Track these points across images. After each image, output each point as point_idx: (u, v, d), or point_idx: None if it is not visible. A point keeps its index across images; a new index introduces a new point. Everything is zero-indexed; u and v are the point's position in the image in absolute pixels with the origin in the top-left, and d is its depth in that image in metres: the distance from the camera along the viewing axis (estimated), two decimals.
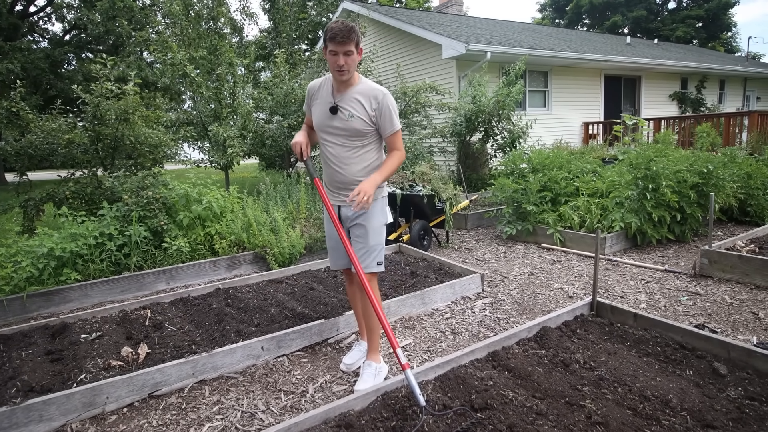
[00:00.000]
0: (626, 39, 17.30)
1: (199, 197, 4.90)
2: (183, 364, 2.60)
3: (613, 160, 7.46)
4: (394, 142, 2.45)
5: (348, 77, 2.34)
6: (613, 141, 10.40)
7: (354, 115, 2.37)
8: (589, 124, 12.70)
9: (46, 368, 2.69)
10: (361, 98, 2.38)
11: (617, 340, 2.84)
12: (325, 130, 2.46)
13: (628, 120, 8.43)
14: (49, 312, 3.85)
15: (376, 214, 2.50)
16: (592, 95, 12.97)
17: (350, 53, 2.27)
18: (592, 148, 9.95)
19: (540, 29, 16.78)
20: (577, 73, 12.45)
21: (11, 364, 2.74)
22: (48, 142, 5.00)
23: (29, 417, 2.22)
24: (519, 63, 8.65)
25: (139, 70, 11.97)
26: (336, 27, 2.24)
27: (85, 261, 4.20)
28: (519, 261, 4.88)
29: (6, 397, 2.37)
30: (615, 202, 5.14)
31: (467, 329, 3.26)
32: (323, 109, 2.43)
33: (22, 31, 19.71)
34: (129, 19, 16.01)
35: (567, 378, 2.41)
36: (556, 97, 12.15)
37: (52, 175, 5.82)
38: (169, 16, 8.25)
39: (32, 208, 4.93)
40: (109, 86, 5.03)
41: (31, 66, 16.59)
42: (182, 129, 7.46)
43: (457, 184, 6.35)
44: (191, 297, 3.75)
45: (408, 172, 5.89)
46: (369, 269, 2.47)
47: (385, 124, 2.40)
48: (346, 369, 2.73)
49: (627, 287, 3.96)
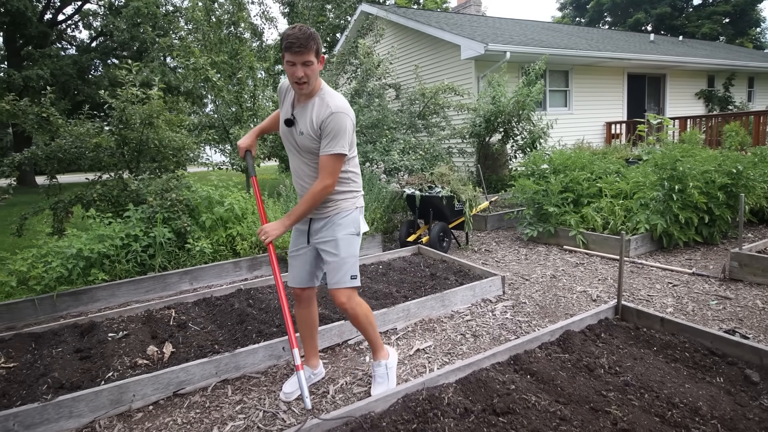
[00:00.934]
0: (650, 36, 16.93)
1: (221, 199, 4.97)
2: (206, 363, 2.64)
3: (637, 160, 7.31)
4: (324, 164, 2.13)
5: (308, 89, 2.12)
6: (637, 141, 10.19)
7: (303, 132, 2.18)
8: (612, 123, 12.47)
9: (75, 366, 2.76)
10: (313, 114, 2.15)
11: (643, 345, 2.78)
12: (283, 139, 2.32)
13: (653, 119, 8.25)
14: (78, 311, 3.95)
15: (347, 224, 2.29)
16: (614, 94, 12.73)
17: (309, 63, 2.05)
18: (615, 148, 9.76)
19: (560, 28, 16.56)
20: (599, 72, 12.24)
21: (42, 362, 2.83)
22: (76, 146, 5.13)
23: (60, 413, 2.28)
24: (539, 62, 8.54)
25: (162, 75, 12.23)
26: (293, 34, 2.01)
27: (111, 261, 4.30)
28: (540, 263, 4.81)
29: (38, 393, 2.45)
30: (640, 204, 5.03)
31: (488, 332, 3.22)
32: (283, 118, 2.27)
33: (51, 38, 20.35)
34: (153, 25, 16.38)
35: (591, 383, 2.37)
36: (578, 96, 11.96)
37: (80, 178, 5.98)
38: (191, 21, 8.40)
39: (62, 210, 5.07)
40: (135, 91, 5.15)
41: (59, 72, 17.10)
42: (204, 132, 7.58)
43: (477, 185, 6.31)
44: (214, 297, 3.81)
45: (427, 173, 5.87)
46: (341, 284, 2.25)
47: (323, 142, 2.13)
48: (285, 399, 2.48)
49: (653, 291, 3.87)
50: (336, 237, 2.27)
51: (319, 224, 2.33)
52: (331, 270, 2.28)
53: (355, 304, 2.32)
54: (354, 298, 2.32)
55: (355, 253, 2.32)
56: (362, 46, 8.12)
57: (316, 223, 2.34)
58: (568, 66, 11.63)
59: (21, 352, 2.98)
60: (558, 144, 8.45)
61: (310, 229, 2.37)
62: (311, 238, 2.37)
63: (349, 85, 8.70)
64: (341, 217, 2.29)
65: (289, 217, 2.20)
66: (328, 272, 2.30)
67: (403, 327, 3.32)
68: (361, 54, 8.13)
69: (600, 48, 11.96)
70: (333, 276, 2.27)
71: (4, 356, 2.90)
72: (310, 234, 2.37)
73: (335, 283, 2.26)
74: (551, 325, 3.12)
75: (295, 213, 2.20)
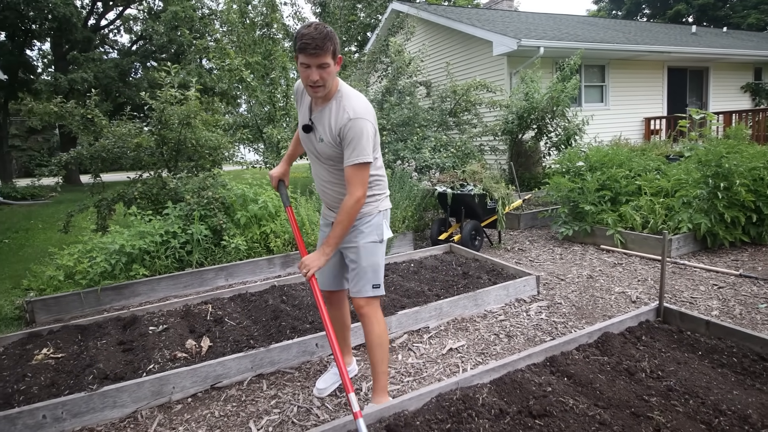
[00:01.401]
0: (692, 28, 16.22)
1: (255, 197, 5.06)
2: (242, 358, 2.69)
3: (678, 157, 7.02)
4: (351, 177, 1.97)
5: (323, 93, 1.97)
6: (678, 137, 9.79)
7: (323, 139, 2.04)
8: (651, 119, 12.01)
9: (118, 357, 2.86)
10: (331, 120, 2.01)
11: (687, 349, 2.66)
12: (303, 145, 2.21)
13: (695, 114, 7.89)
14: (120, 305, 4.10)
15: (369, 232, 2.17)
16: (653, 89, 12.26)
17: (325, 66, 1.88)
18: (655, 144, 9.41)
19: (596, 21, 16.07)
20: (638, 66, 11.81)
21: (88, 353, 2.94)
22: (119, 146, 5.32)
23: (104, 403, 2.37)
24: (574, 57, 8.31)
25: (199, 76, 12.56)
26: (308, 34, 1.84)
27: (151, 257, 4.44)
28: (576, 263, 4.68)
29: (84, 383, 2.55)
30: (682, 202, 4.83)
31: (522, 332, 3.16)
32: (301, 124, 2.15)
33: (95, 43, 21.19)
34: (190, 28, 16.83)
35: (632, 387, 2.29)
36: (615, 91, 11.58)
37: (122, 176, 6.21)
38: (226, 23, 8.58)
39: (105, 207, 5.27)
40: (173, 92, 5.30)
41: (102, 75, 17.80)
42: (239, 131, 7.74)
43: (510, 183, 6.20)
44: (249, 293, 3.88)
45: (459, 171, 5.81)
46: (362, 293, 2.16)
47: (345, 151, 1.98)
48: (318, 395, 2.49)
49: (696, 293, 3.71)
50: (357, 244, 2.17)
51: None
52: (352, 277, 2.22)
53: (373, 313, 2.20)
54: (374, 306, 2.21)
55: (378, 262, 2.21)
56: (393, 45, 8.11)
57: None
58: (605, 60, 11.28)
59: (68, 343, 3.11)
60: (594, 141, 8.21)
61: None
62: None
63: (380, 83, 8.70)
64: (363, 222, 2.18)
65: (328, 245, 2.05)
66: (350, 279, 2.24)
67: (435, 326, 3.29)
68: (392, 52, 8.11)
69: (638, 41, 11.54)
70: (354, 284, 2.21)
71: (53, 347, 3.04)
72: None
73: (356, 291, 2.20)
74: (589, 326, 3.03)
75: (332, 238, 2.05)
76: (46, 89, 17.13)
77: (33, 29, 18.63)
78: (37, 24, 18.10)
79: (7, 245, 6.90)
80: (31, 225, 8.66)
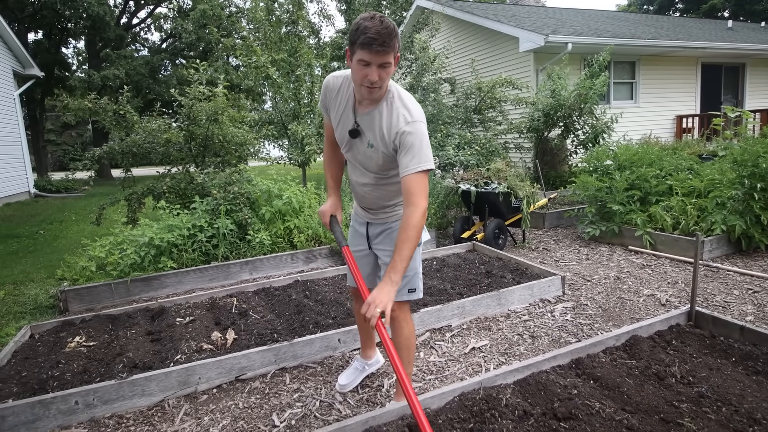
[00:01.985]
0: (727, 23, 15.64)
1: (280, 193, 5.11)
2: (266, 351, 2.72)
3: (711, 156, 6.78)
4: (414, 186, 1.72)
5: (379, 95, 1.78)
6: (712, 135, 9.46)
7: (374, 145, 1.86)
8: (683, 117, 11.64)
9: (147, 347, 2.93)
10: (383, 125, 1.81)
11: (720, 355, 2.57)
12: (345, 149, 2.01)
13: (730, 112, 7.61)
14: (149, 296, 4.20)
15: None
16: (686, 86, 11.87)
17: (387, 65, 1.68)
18: (687, 143, 9.12)
19: (626, 16, 15.64)
20: (669, 62, 11.45)
21: (118, 342, 3.02)
22: (149, 142, 5.45)
23: (133, 391, 2.43)
24: (603, 53, 8.11)
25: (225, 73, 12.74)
26: (372, 27, 1.61)
27: (179, 250, 4.53)
28: (603, 264, 4.58)
29: (114, 371, 2.62)
30: (715, 203, 4.67)
31: (547, 333, 3.11)
32: (344, 127, 1.93)
33: (127, 41, 21.75)
34: (218, 26, 17.08)
35: (661, 392, 2.22)
36: (645, 88, 11.26)
37: (151, 171, 6.35)
38: (253, 21, 8.67)
39: (135, 201, 5.40)
40: (202, 89, 5.39)
41: (133, 72, 18.26)
42: (264, 128, 7.82)
43: (535, 181, 6.10)
44: (272, 287, 3.92)
45: (483, 169, 5.75)
46: (397, 297, 1.92)
47: (403, 159, 1.76)
48: (341, 390, 2.46)
49: (730, 297, 3.58)
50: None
51: (376, 230, 2.15)
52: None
53: (404, 316, 2.11)
54: (405, 309, 2.13)
55: (416, 266, 2.09)
56: (418, 41, 8.06)
57: (374, 227, 2.16)
58: (635, 56, 10.97)
59: (99, 332, 3.20)
60: (623, 139, 8.00)
61: (368, 233, 2.19)
62: (371, 242, 2.20)
63: (404, 80, 8.67)
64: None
65: (396, 271, 1.70)
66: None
67: (457, 324, 3.27)
68: (417, 49, 8.07)
69: (670, 37, 11.19)
70: None
71: (85, 335, 3.13)
72: (369, 238, 2.20)
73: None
74: (616, 329, 2.96)
75: (400, 261, 1.71)
76: (80, 86, 17.68)
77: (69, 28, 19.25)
78: (72, 23, 18.68)
79: (43, 236, 7.16)
80: (65, 217, 8.97)
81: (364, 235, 2.22)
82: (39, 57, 17.46)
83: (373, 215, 2.15)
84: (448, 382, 2.56)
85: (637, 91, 11.21)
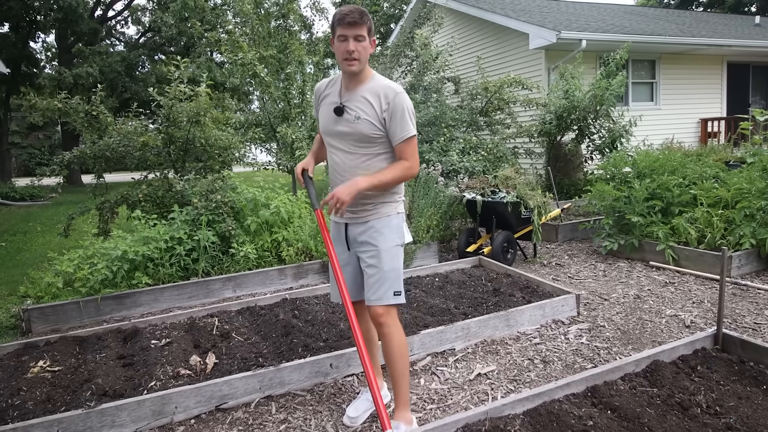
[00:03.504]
0: (755, 19, 15.84)
1: (267, 202, 5.12)
2: (250, 377, 2.70)
3: (739, 163, 6.82)
4: (404, 150, 2.20)
5: (358, 68, 2.17)
6: (739, 140, 9.53)
7: (360, 116, 2.19)
8: (708, 120, 11.74)
9: (118, 373, 2.91)
10: (369, 97, 2.19)
11: (750, 383, 2.57)
12: (330, 134, 2.30)
13: (759, 115, 7.68)
14: (121, 315, 4.18)
15: (390, 234, 2.26)
16: (711, 86, 11.99)
17: (361, 38, 2.13)
18: (712, 148, 9.18)
19: (645, 11, 15.85)
20: (693, 60, 11.58)
21: (86, 367, 3.00)
22: (124, 145, 5.47)
23: (102, 421, 2.41)
24: (620, 51, 8.20)
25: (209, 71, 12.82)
26: (346, 9, 2.14)
27: (155, 265, 4.52)
28: (621, 281, 4.59)
29: (81, 399, 2.60)
30: (744, 214, 4.69)
31: (560, 358, 3.10)
32: (328, 110, 2.28)
33: (101, 35, 21.88)
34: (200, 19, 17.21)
35: (685, 424, 2.22)
36: (666, 89, 11.36)
37: (125, 177, 6.36)
38: (239, 15, 8.75)
39: (107, 210, 5.40)
40: (182, 88, 5.42)
41: (108, 69, 18.34)
42: (250, 130, 7.85)
43: (547, 190, 6.12)
44: (258, 306, 3.91)
45: (490, 176, 5.77)
46: (383, 301, 2.21)
47: (395, 127, 2.17)
48: (351, 424, 2.45)
49: (761, 318, 3.59)
50: (378, 247, 2.23)
51: (357, 230, 2.30)
52: (372, 284, 2.23)
53: (392, 321, 2.25)
54: (393, 315, 2.27)
55: (399, 266, 2.28)
56: (419, 37, 8.13)
57: (354, 228, 2.31)
58: (655, 55, 11.09)
59: (66, 355, 3.19)
60: (643, 144, 8.05)
61: (347, 235, 2.34)
62: (351, 245, 2.35)
63: (403, 79, 8.73)
64: (383, 224, 2.26)
65: (370, 180, 2.15)
66: (368, 286, 2.24)
67: (462, 348, 3.26)
68: (418, 45, 8.13)
69: (693, 33, 11.32)
70: (374, 291, 2.22)
71: (49, 359, 3.11)
72: (348, 240, 2.35)
73: (376, 299, 2.22)
74: (636, 353, 2.96)
75: (376, 177, 2.16)
76: (49, 84, 17.73)
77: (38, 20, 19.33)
78: (42, 15, 18.79)
79: (4, 249, 7.14)
80: (29, 228, 8.95)
81: (342, 239, 2.37)
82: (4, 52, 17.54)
83: (351, 213, 2.28)
84: (450, 412, 2.55)
85: (658, 93, 11.31)
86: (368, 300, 2.24)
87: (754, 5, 29.42)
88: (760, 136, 7.10)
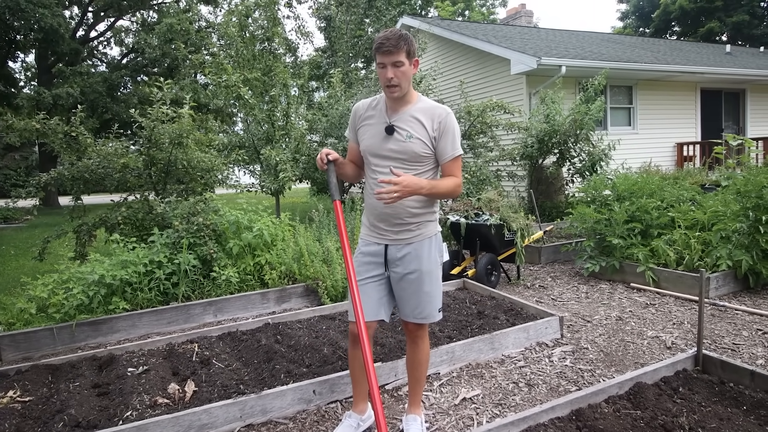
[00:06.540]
0: (726, 47, 16.50)
1: (250, 224, 5.08)
2: (231, 405, 2.65)
3: (714, 186, 7.02)
4: (453, 168, 2.29)
5: (400, 94, 2.22)
6: (714, 164, 9.81)
7: (413, 135, 2.24)
8: (684, 144, 12.10)
9: (92, 402, 2.82)
10: (421, 117, 2.26)
11: (730, 403, 2.60)
12: (377, 154, 2.31)
13: (732, 140, 7.93)
14: (97, 342, 4.07)
15: (433, 254, 2.35)
16: (686, 112, 12.38)
17: (400, 64, 2.15)
18: (688, 172, 9.44)
19: (622, 39, 16.38)
20: (668, 87, 11.97)
21: (59, 396, 2.91)
22: (103, 166, 5.40)
23: None
24: (599, 77, 8.44)
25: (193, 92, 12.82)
26: (383, 35, 2.17)
27: (134, 289, 4.43)
28: (604, 303, 4.63)
29: (53, 431, 2.51)
30: (720, 236, 4.80)
31: (545, 381, 3.10)
32: (377, 130, 2.31)
33: (83, 55, 21.78)
34: (185, 41, 17.28)
35: None
36: (644, 114, 11.70)
37: (104, 199, 6.27)
38: (224, 37, 8.82)
39: (85, 233, 5.30)
40: (165, 110, 5.40)
41: (89, 90, 18.20)
42: (234, 152, 7.84)
43: (529, 212, 6.20)
44: (239, 332, 3.85)
45: (473, 199, 5.83)
46: (429, 319, 2.38)
47: (445, 146, 2.26)
48: None
49: (739, 338, 3.64)
50: (422, 269, 2.32)
51: (399, 252, 2.33)
52: (419, 304, 2.34)
53: (425, 334, 2.47)
54: (426, 329, 2.48)
55: (441, 284, 2.44)
56: None
57: (397, 250, 2.33)
58: (632, 81, 11.44)
59: (37, 385, 3.08)
60: (622, 167, 8.23)
61: (387, 257, 2.36)
62: (389, 265, 2.37)
63: None
64: (425, 246, 2.34)
65: (430, 184, 2.22)
66: (413, 305, 2.35)
67: (446, 372, 3.24)
68: None
69: (668, 61, 11.72)
70: (421, 310, 2.35)
71: (20, 389, 3.01)
72: (387, 261, 2.37)
73: (423, 317, 2.37)
74: (619, 375, 2.98)
75: (435, 185, 2.23)
76: (27, 104, 17.52)
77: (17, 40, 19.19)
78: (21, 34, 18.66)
79: None
80: (2, 251, 8.72)
81: (380, 262, 2.38)
82: None
83: (395, 234, 2.33)
84: None
85: (635, 117, 11.63)
86: (413, 317, 2.37)
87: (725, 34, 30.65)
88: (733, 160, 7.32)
